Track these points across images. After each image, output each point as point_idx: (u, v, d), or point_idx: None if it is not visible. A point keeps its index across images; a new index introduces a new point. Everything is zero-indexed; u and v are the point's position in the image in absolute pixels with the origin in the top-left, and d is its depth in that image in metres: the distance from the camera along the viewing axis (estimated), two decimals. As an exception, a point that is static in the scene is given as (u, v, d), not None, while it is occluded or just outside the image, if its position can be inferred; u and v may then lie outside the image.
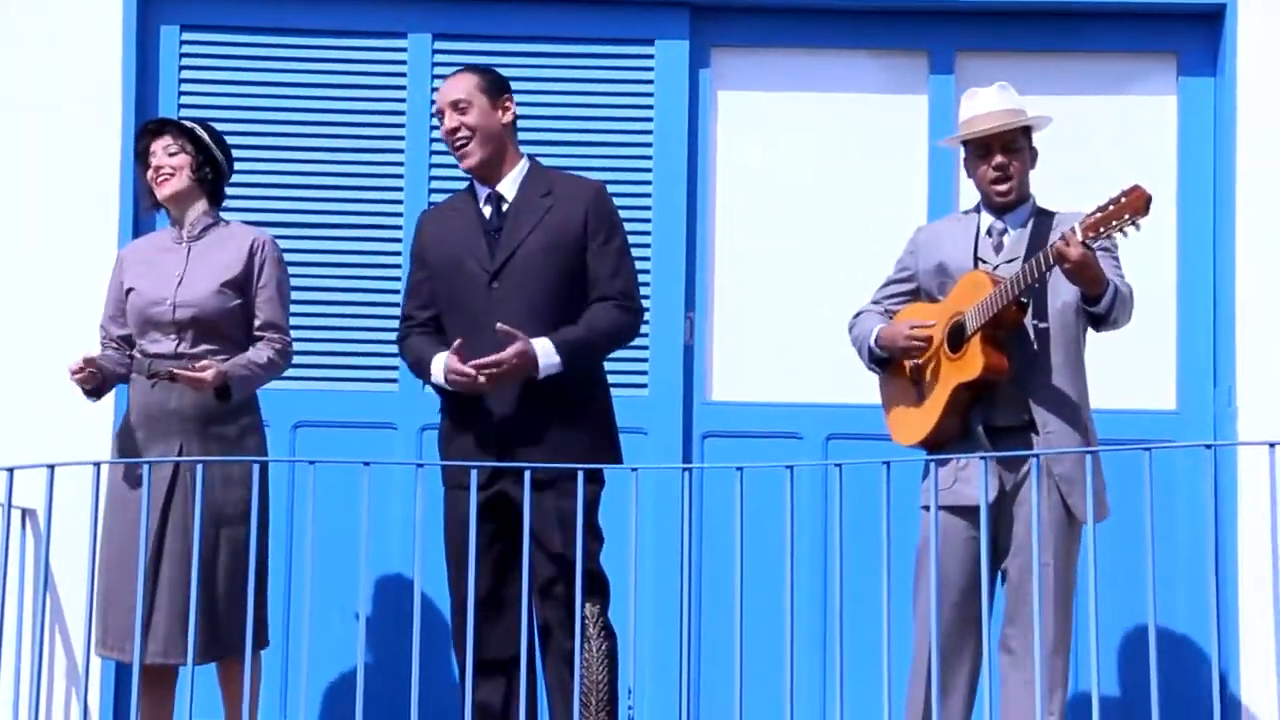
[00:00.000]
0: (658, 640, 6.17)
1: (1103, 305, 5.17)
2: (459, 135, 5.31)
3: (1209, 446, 5.38)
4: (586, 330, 5.20)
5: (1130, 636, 6.06)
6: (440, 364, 5.17)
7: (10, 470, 4.86)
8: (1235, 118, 6.33)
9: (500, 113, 5.34)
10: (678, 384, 6.34)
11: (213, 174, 5.59)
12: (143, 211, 5.97)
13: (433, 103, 5.43)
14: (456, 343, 5.14)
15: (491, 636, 5.10)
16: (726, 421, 6.40)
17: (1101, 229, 5.01)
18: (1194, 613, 6.24)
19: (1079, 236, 5.03)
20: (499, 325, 5.10)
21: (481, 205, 5.34)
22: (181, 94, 6.43)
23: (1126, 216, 4.98)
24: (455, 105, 5.32)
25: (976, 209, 5.47)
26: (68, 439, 5.92)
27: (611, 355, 5.37)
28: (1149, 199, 4.98)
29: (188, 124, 5.60)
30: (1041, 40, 6.50)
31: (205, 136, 5.57)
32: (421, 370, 5.30)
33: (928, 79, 6.42)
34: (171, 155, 5.53)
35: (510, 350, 5.07)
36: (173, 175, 5.53)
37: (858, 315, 5.57)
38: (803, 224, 6.44)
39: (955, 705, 5.20)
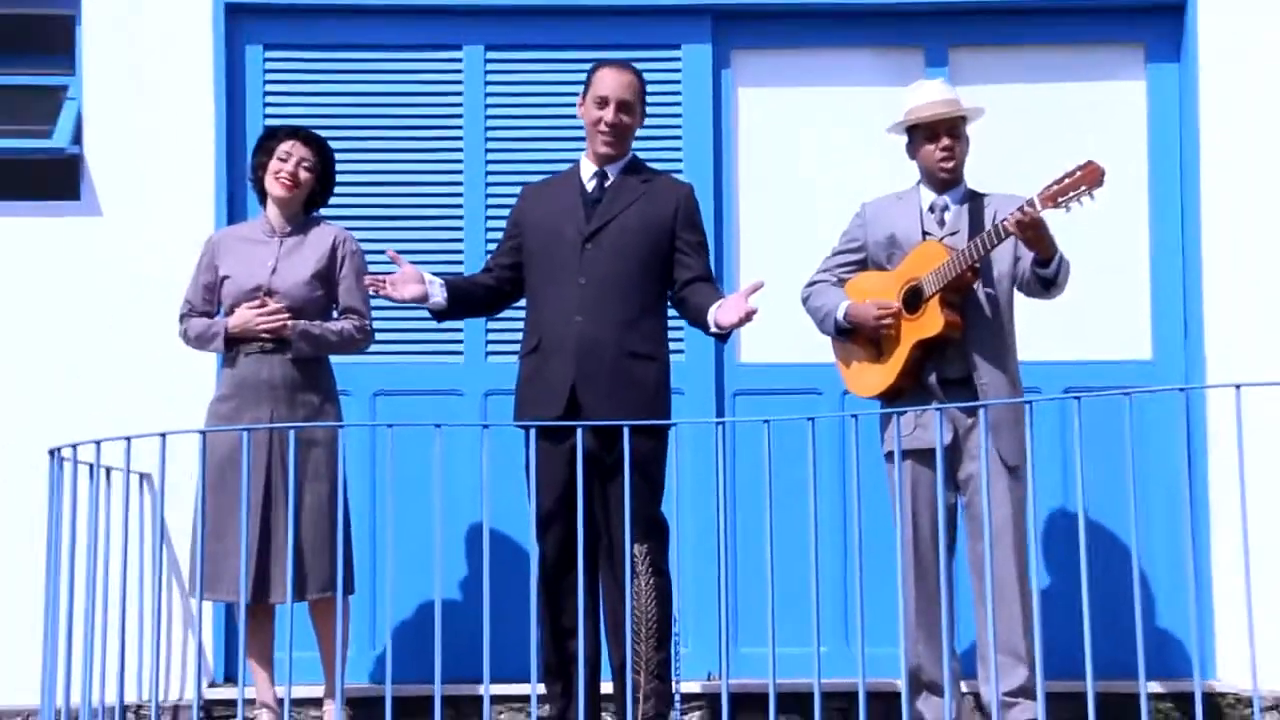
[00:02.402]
0: (698, 574, 6.30)
1: (1052, 268, 5.34)
2: (616, 130, 5.51)
3: (1182, 390, 5.69)
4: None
5: (1110, 569, 6.13)
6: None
7: (128, 439, 5.10)
8: (1198, 99, 6.47)
9: (642, 116, 5.65)
10: (710, 349, 6.46)
11: (320, 199, 5.91)
12: (248, 181, 6.06)
13: (584, 86, 5.60)
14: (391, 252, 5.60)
15: (572, 588, 5.22)
16: (755, 380, 6.56)
17: (1059, 199, 5.17)
18: (1169, 543, 6.36)
19: (1038, 207, 5.19)
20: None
21: (585, 181, 5.55)
22: (266, 105, 6.61)
23: (1083, 188, 5.16)
24: (624, 105, 5.51)
25: (915, 188, 5.64)
26: (177, 409, 6.12)
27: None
28: (1103, 173, 5.16)
29: (329, 153, 5.84)
30: (1024, 34, 6.63)
31: (332, 169, 5.80)
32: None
33: (924, 72, 6.53)
34: (306, 170, 5.78)
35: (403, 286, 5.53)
36: (295, 186, 5.77)
37: (812, 285, 5.70)
38: (818, 207, 6.51)
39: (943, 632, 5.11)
